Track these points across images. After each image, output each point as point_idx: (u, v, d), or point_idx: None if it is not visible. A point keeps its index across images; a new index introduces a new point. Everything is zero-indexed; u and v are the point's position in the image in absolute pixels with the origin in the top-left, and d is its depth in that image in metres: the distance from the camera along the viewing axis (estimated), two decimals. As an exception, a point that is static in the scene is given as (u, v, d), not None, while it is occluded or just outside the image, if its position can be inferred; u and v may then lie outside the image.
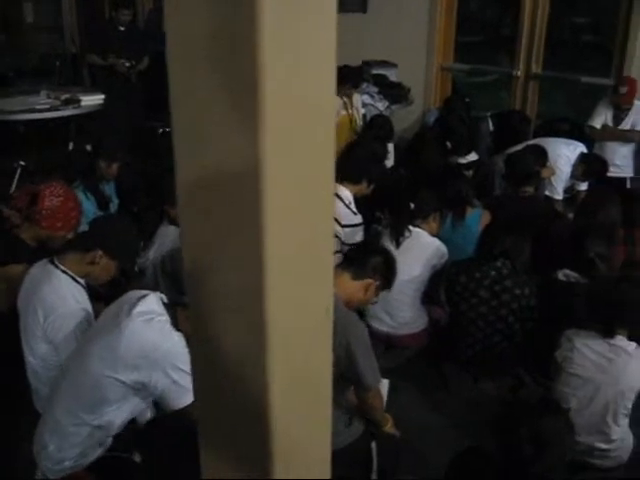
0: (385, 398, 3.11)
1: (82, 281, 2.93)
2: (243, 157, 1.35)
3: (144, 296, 2.56)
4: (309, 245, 1.55)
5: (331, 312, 1.72)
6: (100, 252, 2.90)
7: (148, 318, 2.48)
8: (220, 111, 1.32)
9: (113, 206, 4.51)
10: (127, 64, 6.35)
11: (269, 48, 1.21)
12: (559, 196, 5.26)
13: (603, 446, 3.14)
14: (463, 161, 5.06)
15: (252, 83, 1.25)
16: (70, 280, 2.88)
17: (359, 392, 2.88)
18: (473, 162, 5.36)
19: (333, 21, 1.39)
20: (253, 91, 1.25)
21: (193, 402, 1.50)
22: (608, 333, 3.07)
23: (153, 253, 3.77)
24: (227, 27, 1.24)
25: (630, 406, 3.09)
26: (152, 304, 2.54)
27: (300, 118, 1.37)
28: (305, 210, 1.49)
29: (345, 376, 2.75)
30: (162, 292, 2.68)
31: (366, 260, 2.98)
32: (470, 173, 5.29)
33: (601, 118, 5.73)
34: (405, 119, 7.02)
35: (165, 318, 2.50)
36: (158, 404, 2.66)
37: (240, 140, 1.33)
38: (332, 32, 1.39)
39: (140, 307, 2.50)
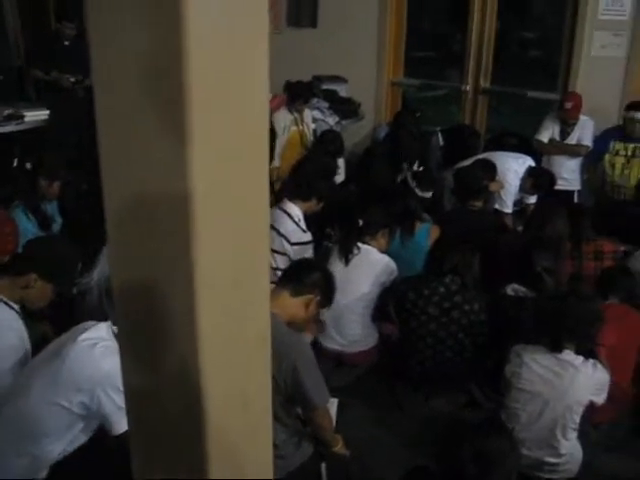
0: (334, 417, 3.07)
1: (16, 306, 2.83)
2: (174, 182, 1.30)
3: (94, 325, 2.56)
4: (244, 270, 1.50)
5: (268, 338, 1.68)
6: (34, 275, 2.80)
7: (92, 343, 2.48)
8: (148, 136, 1.27)
9: (56, 226, 4.38)
10: (72, 79, 6.21)
11: (197, 70, 1.17)
12: (508, 209, 5.30)
13: (552, 460, 3.15)
14: (420, 194, 4.96)
15: (181, 107, 1.20)
16: (3, 306, 2.78)
17: (307, 412, 2.85)
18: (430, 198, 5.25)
19: (265, 41, 1.35)
20: (182, 115, 1.21)
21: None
22: (556, 347, 3.08)
23: (97, 274, 3.67)
24: (154, 51, 1.19)
25: (578, 420, 3.11)
26: (100, 331, 2.53)
27: (233, 141, 1.33)
28: (240, 236, 1.45)
29: (292, 397, 2.73)
30: (106, 312, 2.64)
31: (304, 276, 2.92)
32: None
33: (548, 132, 5.81)
34: (356, 134, 7.02)
35: (112, 344, 2.46)
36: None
37: (170, 165, 1.28)
38: (264, 51, 1.35)
39: (86, 334, 2.51)
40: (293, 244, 4.10)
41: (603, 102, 6.07)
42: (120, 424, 2.40)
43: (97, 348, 2.46)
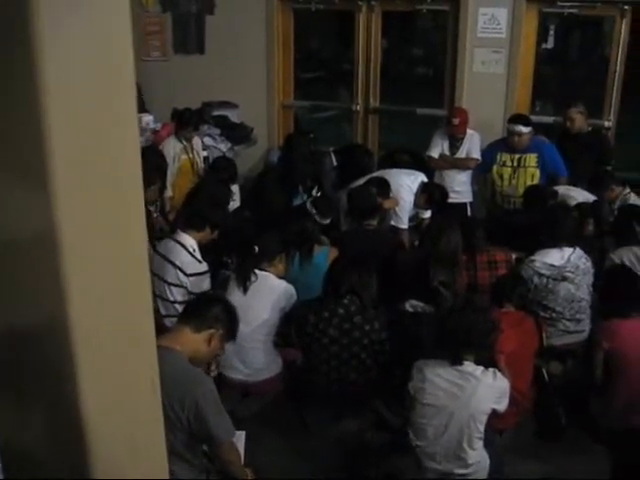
0: (242, 450, 3.01)
1: None
2: (37, 223, 1.23)
3: None
4: (123, 312, 1.43)
5: (157, 383, 1.60)
6: None
7: None
8: (8, 179, 1.20)
9: None
10: None
11: (56, 113, 1.11)
12: (404, 225, 5.37)
13: (461, 471, 3.19)
14: (320, 221, 4.89)
15: (40, 150, 1.14)
16: None
17: (212, 448, 2.80)
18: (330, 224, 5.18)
19: (131, 78, 1.29)
20: (42, 158, 1.14)
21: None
22: (456, 360, 3.12)
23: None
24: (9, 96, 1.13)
25: (483, 429, 3.15)
26: None
27: (100, 181, 1.27)
28: (117, 276, 1.37)
29: (196, 434, 2.68)
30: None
31: (205, 310, 2.88)
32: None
33: (438, 148, 5.96)
34: (249, 159, 6.98)
35: None
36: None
37: (33, 206, 1.21)
38: (131, 95, 1.30)
39: None
40: (189, 275, 4.00)
41: (488, 116, 6.30)
42: None
43: None
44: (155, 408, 1.59)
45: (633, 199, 5.22)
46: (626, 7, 6.10)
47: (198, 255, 4.06)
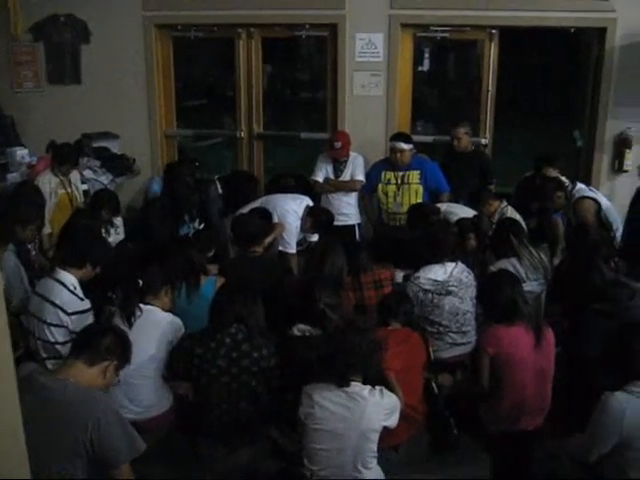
0: None
1: None
2: None
3: None
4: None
5: (20, 429, 1.54)
6: None
7: None
8: None
9: None
10: None
11: None
12: (292, 250, 5.40)
13: (358, 492, 3.18)
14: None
15: None
16: None
17: (111, 471, 2.72)
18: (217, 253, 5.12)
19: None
20: None
21: None
22: (342, 382, 3.13)
23: None
24: None
25: (375, 447, 3.17)
26: None
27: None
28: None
29: (98, 457, 2.65)
30: None
31: (96, 343, 2.87)
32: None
33: (322, 172, 6.05)
34: (132, 190, 6.86)
35: None
36: None
37: None
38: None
39: None
40: (70, 314, 3.85)
41: (370, 137, 6.47)
42: None
43: None
44: (19, 454, 1.53)
45: (510, 212, 5.46)
46: (494, 31, 6.44)
47: (80, 292, 3.91)
